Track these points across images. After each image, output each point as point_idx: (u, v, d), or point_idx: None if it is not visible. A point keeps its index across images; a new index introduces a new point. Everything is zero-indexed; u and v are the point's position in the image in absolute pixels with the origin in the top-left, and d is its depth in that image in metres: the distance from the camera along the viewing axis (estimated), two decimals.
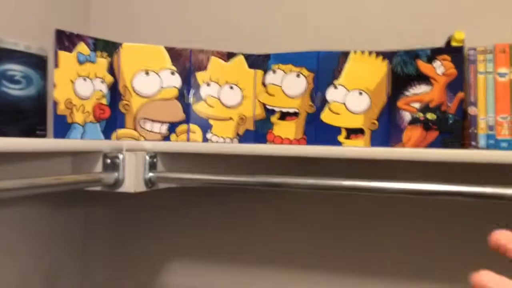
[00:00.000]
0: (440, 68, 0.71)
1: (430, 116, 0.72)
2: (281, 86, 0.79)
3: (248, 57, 0.80)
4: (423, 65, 0.72)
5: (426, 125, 0.72)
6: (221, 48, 0.80)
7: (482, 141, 0.70)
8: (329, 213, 0.90)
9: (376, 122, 0.75)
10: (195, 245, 0.96)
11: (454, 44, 0.73)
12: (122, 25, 0.97)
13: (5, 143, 0.60)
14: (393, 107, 0.74)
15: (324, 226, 0.90)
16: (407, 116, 0.73)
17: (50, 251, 0.89)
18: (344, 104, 0.76)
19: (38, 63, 0.80)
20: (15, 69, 0.78)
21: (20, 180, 0.60)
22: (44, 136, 0.77)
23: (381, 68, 0.75)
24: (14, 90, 0.78)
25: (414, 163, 0.67)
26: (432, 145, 0.72)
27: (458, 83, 0.70)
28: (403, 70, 0.73)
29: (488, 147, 0.69)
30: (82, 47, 0.71)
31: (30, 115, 0.80)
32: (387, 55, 0.74)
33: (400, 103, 0.73)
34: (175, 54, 0.78)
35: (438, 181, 0.64)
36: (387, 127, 0.74)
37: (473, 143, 0.70)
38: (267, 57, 0.79)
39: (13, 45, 0.76)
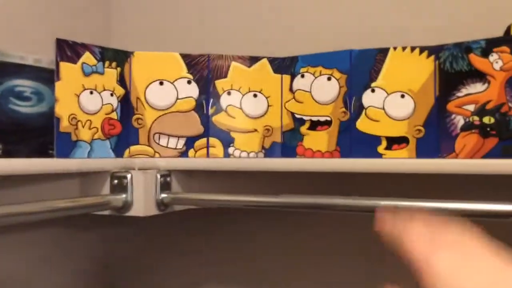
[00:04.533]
0: (498, 62, 0.60)
1: (488, 119, 0.60)
2: (310, 92, 0.69)
3: (273, 61, 0.71)
4: (476, 60, 0.61)
5: (483, 131, 0.60)
6: (242, 52, 0.72)
7: None
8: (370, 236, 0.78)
9: (422, 129, 0.64)
10: (222, 272, 0.87)
11: None
12: (140, 34, 0.92)
13: (2, 165, 0.55)
14: (442, 111, 0.63)
15: (366, 250, 0.79)
16: (459, 121, 0.62)
17: (70, 275, 0.83)
18: (384, 109, 0.65)
19: (49, 77, 0.75)
20: (24, 84, 0.73)
21: (18, 206, 0.55)
22: None
23: (427, 65, 0.64)
24: (23, 108, 0.73)
25: (470, 177, 0.56)
26: (491, 154, 0.60)
27: None
28: (453, 67, 0.62)
29: None
30: (87, 57, 0.65)
31: (42, 134, 0.75)
32: (433, 50, 0.64)
33: (450, 106, 0.62)
34: (191, 61, 0.70)
35: (501, 199, 0.53)
36: (436, 135, 0.63)
37: None
38: (294, 59, 0.70)
39: (20, 58, 0.71)
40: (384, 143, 0.65)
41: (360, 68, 0.66)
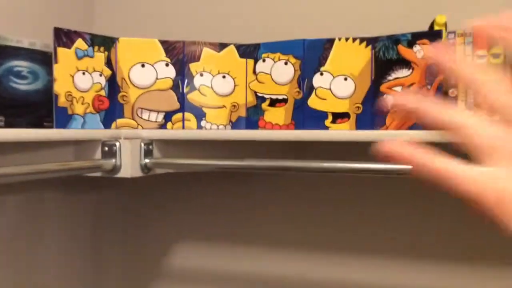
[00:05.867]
0: (420, 52, 0.74)
1: None
2: (270, 74, 0.82)
3: (239, 47, 0.83)
4: (403, 50, 0.74)
5: None
6: (213, 39, 0.84)
7: None
8: (323, 193, 0.93)
9: (360, 106, 0.78)
10: (199, 227, 1.01)
11: (436, 28, 0.76)
12: (122, 21, 1.02)
13: (9, 134, 0.66)
14: (376, 92, 0.77)
15: (323, 206, 0.94)
16: (390, 100, 0.76)
17: (60, 234, 0.95)
18: (330, 89, 0.79)
19: (43, 58, 0.86)
20: (21, 65, 0.83)
21: (25, 166, 0.66)
22: (51, 127, 0.82)
23: (365, 53, 0.77)
24: (21, 85, 0.84)
25: None
26: (414, 127, 0.74)
27: None
28: (385, 55, 0.76)
29: None
30: (80, 43, 0.76)
31: (38, 108, 0.85)
32: (370, 41, 0.77)
33: (383, 87, 0.76)
34: (169, 47, 0.82)
35: None
36: (371, 111, 0.77)
37: None
38: (257, 46, 0.83)
39: (17, 42, 0.82)
40: (330, 118, 0.79)
41: (311, 55, 0.79)
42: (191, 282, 1.02)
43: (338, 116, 0.79)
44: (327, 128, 0.79)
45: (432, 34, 0.73)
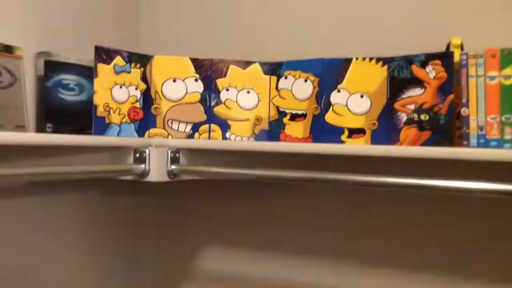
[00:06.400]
0: (432, 72, 0.77)
1: (424, 117, 0.77)
2: (291, 90, 0.87)
3: (263, 65, 0.89)
4: (416, 70, 0.78)
5: (420, 126, 0.77)
6: (239, 57, 0.90)
7: (473, 140, 0.74)
8: (338, 204, 0.97)
9: (376, 122, 0.81)
10: (223, 231, 1.07)
11: (452, 49, 0.78)
12: (160, 40, 1.11)
13: (55, 139, 0.74)
14: (391, 109, 0.80)
15: (336, 217, 0.97)
16: (403, 117, 0.79)
17: (97, 233, 1.03)
18: (347, 106, 0.83)
19: (88, 73, 0.95)
20: (69, 78, 0.93)
21: (73, 168, 0.75)
22: (91, 134, 0.91)
23: (381, 72, 0.81)
24: (68, 96, 0.93)
25: (410, 160, 0.73)
26: (426, 143, 0.77)
27: (449, 86, 0.75)
28: (400, 74, 0.79)
29: (479, 146, 0.74)
30: (118, 60, 0.84)
31: (82, 117, 0.95)
32: (386, 61, 0.81)
33: (397, 105, 0.80)
34: (198, 64, 0.89)
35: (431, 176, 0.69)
36: (386, 127, 0.81)
37: (465, 142, 0.75)
38: (280, 64, 0.88)
39: (66, 58, 0.92)
40: (346, 133, 0.83)
41: (329, 73, 0.84)
42: (217, 283, 1.08)
43: (354, 132, 0.82)
44: (343, 142, 0.83)
45: (444, 56, 0.76)
